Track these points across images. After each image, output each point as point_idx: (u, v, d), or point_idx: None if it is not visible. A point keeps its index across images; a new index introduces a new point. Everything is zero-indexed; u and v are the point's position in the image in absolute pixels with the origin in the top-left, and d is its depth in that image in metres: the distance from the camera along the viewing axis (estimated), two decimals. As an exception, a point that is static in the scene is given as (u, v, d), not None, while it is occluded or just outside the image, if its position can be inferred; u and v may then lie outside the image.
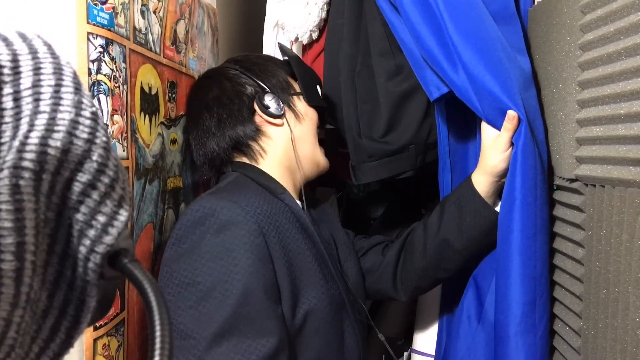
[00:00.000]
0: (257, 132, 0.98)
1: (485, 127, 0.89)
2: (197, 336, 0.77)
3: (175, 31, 1.04)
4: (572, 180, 0.77)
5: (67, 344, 0.33)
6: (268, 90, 1.00)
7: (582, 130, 0.75)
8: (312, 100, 1.03)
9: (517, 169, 0.82)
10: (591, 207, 0.70)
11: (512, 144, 0.86)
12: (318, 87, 1.07)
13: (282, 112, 0.99)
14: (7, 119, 0.29)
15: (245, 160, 1.00)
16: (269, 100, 0.99)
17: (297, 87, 1.04)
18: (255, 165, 0.99)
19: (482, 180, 0.91)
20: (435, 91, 0.93)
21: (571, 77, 0.77)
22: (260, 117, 0.99)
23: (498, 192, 0.92)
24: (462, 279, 1.01)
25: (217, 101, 0.99)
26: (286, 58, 1.08)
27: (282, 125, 0.99)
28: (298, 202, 0.98)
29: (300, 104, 1.02)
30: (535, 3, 0.95)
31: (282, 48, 1.13)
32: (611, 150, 0.67)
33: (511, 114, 0.83)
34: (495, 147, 0.87)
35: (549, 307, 0.84)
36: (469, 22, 0.86)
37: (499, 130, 0.86)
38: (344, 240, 1.08)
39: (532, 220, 0.82)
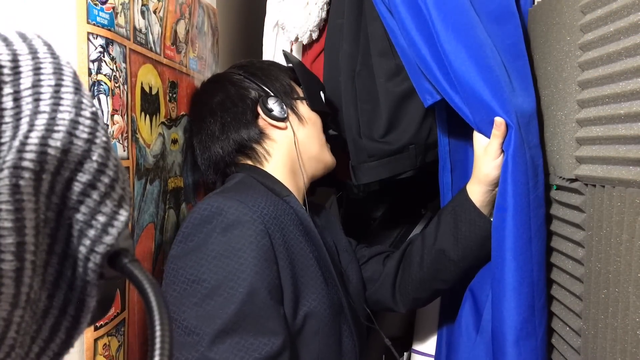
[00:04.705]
0: (261, 135, 0.99)
1: (477, 136, 0.90)
2: (200, 332, 0.77)
3: (175, 31, 1.04)
4: (572, 180, 0.76)
5: (67, 344, 0.33)
6: (271, 94, 1.01)
7: (582, 130, 0.75)
8: (315, 105, 1.04)
9: (508, 175, 0.82)
10: (591, 207, 0.70)
11: (502, 151, 0.86)
12: (321, 93, 1.08)
13: (286, 115, 1.00)
14: (7, 119, 0.29)
15: (249, 163, 1.00)
16: (272, 103, 1.00)
17: (300, 92, 1.06)
18: (260, 167, 0.99)
19: (476, 190, 0.91)
20: (429, 98, 0.93)
21: (571, 77, 0.77)
22: (263, 121, 1.00)
23: (494, 201, 0.92)
24: (461, 289, 1.01)
25: (221, 105, 1.00)
26: (290, 65, 1.09)
27: (285, 128, 1.00)
28: (302, 206, 0.98)
29: (303, 108, 1.03)
30: (535, 3, 0.95)
31: (285, 55, 1.14)
32: (611, 150, 0.67)
33: (498, 121, 0.84)
34: (486, 156, 0.88)
35: (547, 310, 0.84)
36: (460, 30, 0.86)
37: (489, 138, 0.86)
38: (346, 248, 1.09)
39: (526, 226, 0.82)
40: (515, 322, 0.82)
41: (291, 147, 1.00)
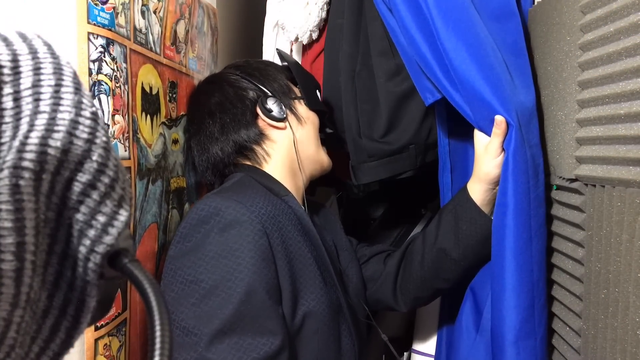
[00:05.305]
0: (261, 135, 0.99)
1: (477, 135, 0.89)
2: (198, 333, 0.77)
3: (175, 31, 1.04)
4: (572, 180, 0.76)
5: (67, 344, 0.33)
6: (270, 94, 1.00)
7: (582, 130, 0.75)
8: (312, 104, 1.04)
9: (508, 174, 0.82)
10: (591, 207, 0.70)
11: (503, 149, 0.86)
12: (317, 91, 1.08)
13: (285, 116, 1.00)
14: (7, 119, 0.29)
15: (248, 163, 1.00)
16: (271, 104, 1.00)
17: (297, 91, 1.05)
18: (260, 168, 0.99)
19: (477, 189, 0.91)
20: (429, 97, 0.93)
21: (571, 77, 0.77)
22: (263, 121, 1.00)
23: (495, 200, 0.91)
24: (461, 289, 1.01)
25: (220, 106, 1.00)
26: (285, 64, 1.09)
27: (284, 128, 1.00)
28: (301, 205, 0.98)
29: (301, 107, 1.03)
30: (535, 3, 0.95)
31: (280, 54, 1.13)
32: (611, 150, 0.67)
33: (498, 119, 0.83)
34: (487, 154, 0.87)
35: (546, 310, 0.84)
36: (460, 28, 0.85)
37: (490, 136, 0.86)
38: (346, 247, 1.08)
39: (527, 225, 0.82)
40: (514, 321, 0.82)
41: (290, 147, 1.00)
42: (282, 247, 0.86)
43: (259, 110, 0.99)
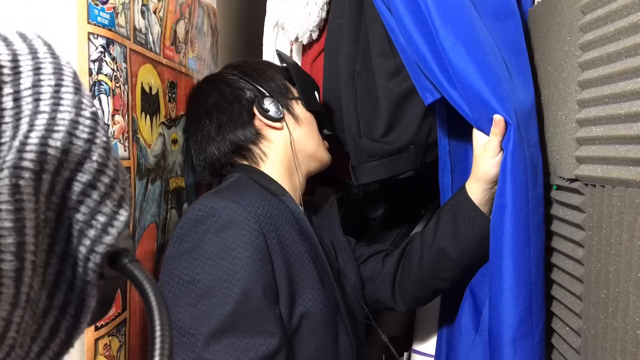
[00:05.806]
0: (257, 135, 0.99)
1: (476, 134, 0.89)
2: (195, 333, 0.77)
3: (175, 31, 1.04)
4: (572, 180, 0.76)
5: (67, 344, 0.33)
6: (267, 94, 1.00)
7: (582, 130, 0.75)
8: (310, 106, 1.04)
9: (506, 174, 0.82)
10: (591, 207, 0.70)
11: (502, 149, 0.86)
12: (316, 92, 1.08)
13: (282, 116, 1.00)
14: (7, 119, 0.29)
15: (245, 163, 1.00)
16: (268, 104, 1.00)
17: (295, 92, 1.05)
18: (257, 168, 0.99)
19: (475, 188, 0.91)
20: (429, 97, 0.93)
21: (571, 77, 0.77)
22: (259, 121, 1.00)
23: (493, 199, 0.92)
24: (461, 288, 1.01)
25: (217, 106, 1.00)
26: (284, 65, 1.09)
27: (281, 128, 1.00)
28: (299, 204, 0.98)
29: (298, 108, 1.03)
30: (535, 3, 0.95)
31: (280, 55, 1.14)
32: (611, 150, 0.67)
33: (497, 118, 0.83)
34: (485, 153, 0.87)
35: (544, 311, 0.84)
36: (459, 26, 0.85)
37: (489, 135, 0.86)
38: (344, 247, 1.08)
39: (525, 225, 0.81)
40: (512, 322, 0.82)
41: (287, 147, 1.00)
42: (279, 247, 0.86)
43: (255, 110, 0.99)
